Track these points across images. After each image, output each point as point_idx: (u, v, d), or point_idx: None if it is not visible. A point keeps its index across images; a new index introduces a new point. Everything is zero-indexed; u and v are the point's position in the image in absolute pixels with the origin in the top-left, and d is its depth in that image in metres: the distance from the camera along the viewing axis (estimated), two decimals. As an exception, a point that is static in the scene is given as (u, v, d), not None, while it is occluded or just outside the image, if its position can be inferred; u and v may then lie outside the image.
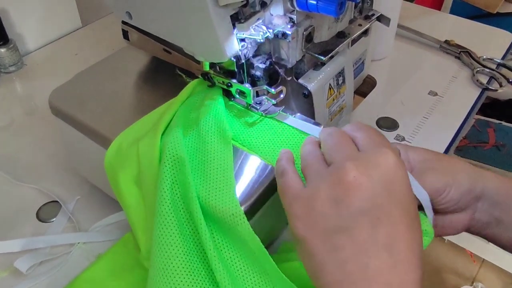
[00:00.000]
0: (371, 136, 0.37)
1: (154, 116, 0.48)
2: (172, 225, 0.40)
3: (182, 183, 0.41)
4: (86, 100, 0.52)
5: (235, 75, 0.47)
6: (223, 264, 0.38)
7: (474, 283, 1.42)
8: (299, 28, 0.46)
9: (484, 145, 1.63)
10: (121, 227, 0.55)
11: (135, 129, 0.47)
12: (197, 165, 0.42)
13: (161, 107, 0.49)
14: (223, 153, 0.43)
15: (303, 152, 0.39)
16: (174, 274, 0.38)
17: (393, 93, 0.75)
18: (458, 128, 0.68)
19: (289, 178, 0.36)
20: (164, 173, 0.41)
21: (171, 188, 0.41)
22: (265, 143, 0.45)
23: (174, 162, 0.42)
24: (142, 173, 0.45)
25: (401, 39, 0.87)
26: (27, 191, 0.60)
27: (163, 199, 0.41)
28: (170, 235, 0.39)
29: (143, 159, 0.44)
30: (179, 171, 0.41)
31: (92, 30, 0.93)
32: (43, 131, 0.69)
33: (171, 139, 0.43)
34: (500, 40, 0.89)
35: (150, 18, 0.46)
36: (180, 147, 0.42)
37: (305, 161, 0.38)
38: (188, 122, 0.46)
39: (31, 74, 0.82)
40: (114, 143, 0.46)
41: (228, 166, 0.42)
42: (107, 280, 0.48)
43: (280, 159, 0.40)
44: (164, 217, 0.40)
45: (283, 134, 0.46)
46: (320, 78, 0.52)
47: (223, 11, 0.41)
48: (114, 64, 0.58)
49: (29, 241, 0.52)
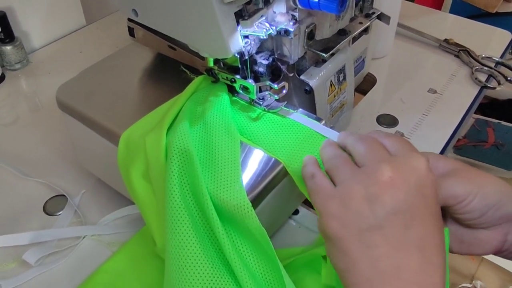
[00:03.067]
0: (401, 142, 0.38)
1: (160, 112, 0.49)
2: (184, 219, 0.41)
3: (190, 176, 0.42)
4: (92, 96, 0.53)
5: (239, 71, 0.49)
6: (239, 257, 0.39)
7: (473, 281, 1.43)
8: (301, 26, 0.47)
9: (483, 144, 1.64)
10: (128, 221, 0.56)
11: (141, 125, 0.48)
12: (204, 159, 0.43)
13: (167, 103, 0.50)
14: (230, 146, 0.44)
15: (326, 154, 0.40)
16: (189, 270, 0.39)
17: (393, 90, 0.76)
18: (457, 125, 0.69)
19: (320, 179, 0.38)
20: (171, 167, 0.42)
21: (180, 182, 0.42)
22: (268, 137, 0.46)
23: (182, 156, 0.43)
24: (150, 168, 0.46)
25: (401, 37, 0.88)
26: (34, 186, 0.61)
27: (172, 192, 0.41)
28: (183, 231, 0.40)
29: (150, 154, 0.45)
30: (188, 164, 0.42)
31: (96, 28, 0.94)
32: (48, 127, 0.70)
33: (178, 133, 0.44)
34: (499, 39, 0.90)
35: (156, 15, 0.48)
36: (188, 140, 0.43)
37: (332, 163, 0.39)
38: (194, 117, 0.47)
39: (36, 72, 0.83)
40: (122, 140, 0.47)
41: (235, 160, 0.43)
42: (127, 271, 0.50)
43: (306, 164, 0.41)
44: (175, 211, 0.41)
45: (285, 128, 0.47)
46: (322, 75, 0.53)
47: (228, 8, 0.42)
48: (120, 60, 0.59)
49: (37, 234, 0.54)
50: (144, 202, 0.46)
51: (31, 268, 0.51)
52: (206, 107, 0.47)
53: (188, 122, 0.46)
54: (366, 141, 0.38)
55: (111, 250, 0.53)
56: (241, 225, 0.40)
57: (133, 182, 0.46)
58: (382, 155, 0.37)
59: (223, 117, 0.46)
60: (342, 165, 0.37)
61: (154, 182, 0.45)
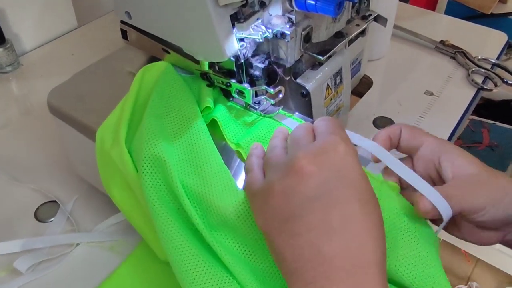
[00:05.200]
0: (326, 124, 0.37)
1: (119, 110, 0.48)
2: (171, 226, 0.40)
3: (165, 181, 0.41)
4: (84, 100, 0.52)
5: (234, 75, 0.48)
6: (226, 252, 0.38)
7: (469, 283, 1.43)
8: (298, 28, 0.46)
9: (478, 145, 1.64)
10: (122, 228, 0.55)
11: (108, 128, 0.47)
12: (189, 166, 0.43)
13: (120, 104, 0.49)
14: (212, 151, 0.43)
15: (268, 146, 0.40)
16: (190, 272, 0.38)
17: (389, 92, 0.75)
18: (454, 127, 0.69)
19: (251, 176, 0.37)
20: (144, 175, 0.42)
21: (154, 186, 0.41)
22: (264, 143, 0.45)
23: (153, 161, 0.42)
24: (126, 179, 0.45)
25: (397, 39, 0.88)
26: (25, 191, 0.60)
27: (152, 201, 0.41)
28: (174, 238, 0.39)
29: (120, 167, 0.45)
30: (160, 168, 0.42)
31: (89, 30, 0.93)
32: (39, 131, 0.69)
33: (145, 139, 0.43)
34: (495, 40, 0.90)
35: (150, 17, 0.47)
36: (158, 144, 0.42)
37: (267, 156, 0.38)
38: (162, 116, 0.46)
39: (28, 74, 0.82)
40: (98, 155, 0.46)
41: (221, 164, 0.42)
42: (134, 283, 0.49)
43: (249, 155, 0.41)
44: (161, 219, 0.40)
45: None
46: (318, 78, 0.52)
47: (223, 11, 0.41)
48: (112, 64, 0.58)
49: (29, 242, 0.52)
50: (129, 212, 0.46)
51: (22, 276, 0.50)
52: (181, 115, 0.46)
53: (157, 123, 0.45)
54: (297, 129, 0.38)
55: (108, 254, 0.52)
56: (235, 227, 0.39)
57: (114, 195, 0.46)
58: (303, 143, 0.36)
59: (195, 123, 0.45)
60: (271, 158, 0.37)
61: (135, 190, 0.45)
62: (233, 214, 0.39)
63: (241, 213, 0.39)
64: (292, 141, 0.37)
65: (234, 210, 0.39)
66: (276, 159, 0.36)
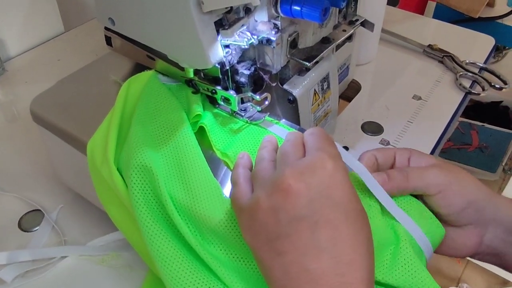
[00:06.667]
0: (316, 139, 0.37)
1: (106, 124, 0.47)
2: (161, 238, 0.39)
3: (153, 191, 0.41)
4: (68, 107, 0.51)
5: (220, 82, 0.47)
6: (214, 258, 0.38)
7: (460, 284, 1.44)
8: (284, 34, 0.46)
9: (467, 147, 1.65)
10: (114, 242, 0.54)
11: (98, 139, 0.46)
12: (176, 175, 0.42)
13: (108, 117, 0.48)
14: (199, 160, 0.42)
15: (256, 157, 0.39)
16: (182, 285, 0.37)
17: (377, 97, 0.75)
18: (443, 131, 0.69)
19: (238, 189, 0.37)
20: (133, 184, 0.41)
21: (144, 197, 0.41)
22: (250, 151, 0.45)
23: (140, 172, 0.41)
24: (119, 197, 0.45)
25: (385, 43, 0.88)
26: (8, 200, 0.59)
27: (139, 209, 0.40)
28: (162, 248, 0.39)
29: (111, 185, 0.44)
30: (148, 180, 0.41)
31: (75, 35, 0.92)
32: (24, 138, 0.68)
33: (134, 150, 0.42)
34: (482, 44, 0.90)
35: (133, 24, 0.46)
36: (146, 155, 0.42)
37: (255, 169, 0.38)
38: (152, 134, 0.46)
39: (13, 80, 0.80)
40: (91, 171, 0.46)
41: (208, 172, 0.42)
42: None
43: (236, 166, 0.40)
44: (149, 230, 0.39)
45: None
46: (305, 84, 0.52)
47: (207, 18, 0.41)
48: (97, 70, 0.57)
49: (15, 254, 0.51)
50: (125, 229, 0.46)
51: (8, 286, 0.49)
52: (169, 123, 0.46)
53: (143, 132, 0.44)
54: (286, 143, 0.38)
55: (98, 266, 0.51)
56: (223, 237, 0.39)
57: (110, 210, 0.46)
58: (291, 159, 0.35)
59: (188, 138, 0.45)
60: (259, 171, 0.37)
61: (128, 208, 0.44)
62: (222, 223, 0.38)
63: (229, 222, 0.38)
64: (281, 156, 0.37)
65: (222, 219, 0.38)
66: (263, 173, 0.36)
